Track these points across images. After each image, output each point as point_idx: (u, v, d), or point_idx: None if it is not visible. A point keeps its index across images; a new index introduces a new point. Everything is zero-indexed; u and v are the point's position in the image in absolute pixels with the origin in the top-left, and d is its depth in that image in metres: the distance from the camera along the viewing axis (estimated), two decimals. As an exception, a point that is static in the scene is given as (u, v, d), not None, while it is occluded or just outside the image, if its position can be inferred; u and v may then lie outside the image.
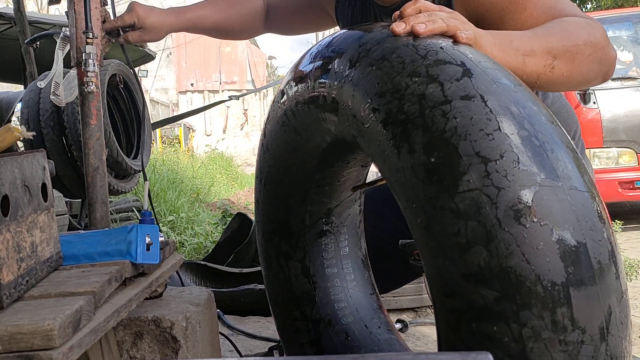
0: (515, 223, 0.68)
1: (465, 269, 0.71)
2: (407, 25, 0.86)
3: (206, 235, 4.44)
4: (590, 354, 0.68)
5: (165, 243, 1.13)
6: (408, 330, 2.16)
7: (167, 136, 14.19)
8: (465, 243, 0.70)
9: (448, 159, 0.73)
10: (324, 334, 1.22)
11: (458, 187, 0.71)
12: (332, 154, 1.10)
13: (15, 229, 0.76)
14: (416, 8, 0.89)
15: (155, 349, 1.09)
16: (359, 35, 0.92)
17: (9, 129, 0.86)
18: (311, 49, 1.04)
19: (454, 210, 0.71)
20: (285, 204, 1.21)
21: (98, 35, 1.45)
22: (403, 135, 0.78)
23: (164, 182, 6.01)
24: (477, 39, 0.89)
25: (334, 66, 0.92)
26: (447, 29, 0.87)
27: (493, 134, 0.72)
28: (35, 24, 4.32)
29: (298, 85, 1.02)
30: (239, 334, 2.15)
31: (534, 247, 0.68)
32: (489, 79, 0.77)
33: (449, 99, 0.75)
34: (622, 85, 4.80)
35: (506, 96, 0.76)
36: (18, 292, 0.76)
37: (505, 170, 0.70)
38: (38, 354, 0.64)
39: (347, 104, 0.89)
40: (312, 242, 1.23)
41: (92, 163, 1.48)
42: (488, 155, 0.71)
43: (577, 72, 0.99)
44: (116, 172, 2.80)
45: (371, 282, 1.29)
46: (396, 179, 0.80)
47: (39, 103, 2.69)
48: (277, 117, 1.12)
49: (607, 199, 4.76)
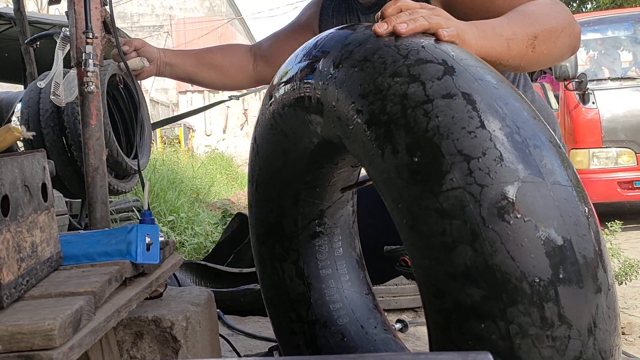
0: (499, 220, 0.68)
1: (451, 268, 0.71)
2: (389, 26, 0.86)
3: (206, 235, 4.44)
4: (578, 348, 0.68)
5: (165, 243, 1.13)
6: (408, 330, 2.16)
7: (167, 136, 14.19)
8: (451, 242, 0.70)
9: (431, 159, 0.73)
10: (319, 335, 1.22)
11: (442, 186, 0.71)
12: (321, 155, 1.10)
13: (15, 229, 0.77)
14: (397, 7, 0.89)
15: (155, 349, 1.09)
16: (343, 37, 0.92)
17: (9, 129, 0.87)
18: (297, 51, 1.04)
19: (439, 209, 0.71)
20: (277, 207, 1.21)
21: (98, 35, 1.46)
22: (386, 136, 0.78)
23: (164, 182, 6.01)
24: (461, 34, 0.89)
25: (318, 67, 0.92)
26: (429, 26, 0.87)
27: (475, 131, 0.72)
28: (35, 24, 4.32)
29: (285, 87, 1.02)
30: (239, 334, 2.15)
31: (518, 243, 0.68)
32: (470, 77, 0.77)
33: (431, 98, 0.75)
34: (621, 85, 4.80)
35: (488, 93, 0.76)
36: (18, 292, 0.76)
37: (488, 168, 0.70)
38: (38, 354, 0.65)
39: (332, 105, 0.89)
40: (306, 244, 1.23)
41: (92, 163, 1.48)
42: (470, 153, 0.71)
43: (554, 48, 1.06)
44: (116, 172, 2.80)
45: (366, 282, 1.29)
46: (382, 179, 0.80)
47: (39, 103, 2.69)
48: (265, 120, 1.12)
49: (606, 199, 4.77)
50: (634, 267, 2.71)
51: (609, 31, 5.41)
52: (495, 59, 0.97)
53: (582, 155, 4.67)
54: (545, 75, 5.60)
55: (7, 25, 4.50)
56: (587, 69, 5.00)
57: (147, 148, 2.99)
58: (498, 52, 0.96)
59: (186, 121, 15.79)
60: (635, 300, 2.64)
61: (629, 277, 2.71)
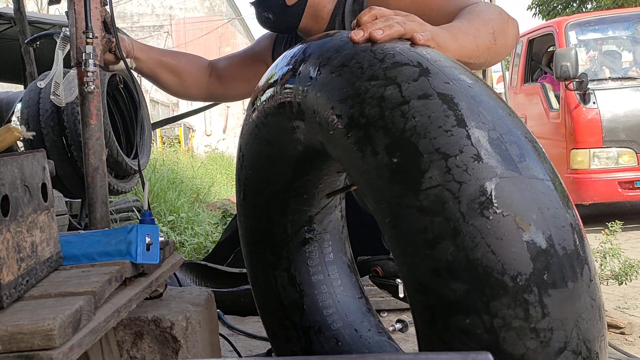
0: (478, 215, 0.69)
1: (434, 264, 0.72)
2: (365, 33, 0.88)
3: (206, 235, 4.44)
4: (562, 339, 0.69)
5: (165, 243, 1.13)
6: (408, 330, 2.15)
7: (167, 136, 14.19)
8: (432, 239, 0.72)
9: (410, 158, 0.74)
10: (314, 341, 1.23)
11: (421, 185, 0.73)
12: (306, 162, 1.11)
13: (15, 229, 0.76)
14: (372, 15, 0.92)
15: (155, 349, 1.09)
16: (320, 45, 0.94)
17: (9, 129, 0.87)
18: (277, 61, 1.06)
19: (419, 207, 0.73)
20: (266, 215, 1.21)
21: (98, 35, 1.46)
22: (366, 138, 0.79)
23: (164, 182, 6.01)
24: (435, 38, 0.92)
25: (297, 75, 0.94)
26: (405, 31, 0.89)
27: (452, 130, 0.73)
28: (35, 24, 4.32)
29: (267, 95, 1.04)
30: (239, 334, 2.15)
31: (498, 238, 0.69)
32: (445, 77, 0.79)
33: (407, 99, 0.76)
34: (621, 85, 4.80)
35: (463, 92, 0.77)
36: (18, 292, 0.76)
37: (465, 165, 0.71)
38: (38, 353, 0.64)
39: (312, 111, 0.90)
40: (296, 251, 1.23)
41: (92, 163, 1.48)
42: (448, 151, 0.72)
43: (508, 39, 1.17)
44: (116, 172, 2.80)
45: (359, 286, 1.30)
46: (363, 181, 0.82)
47: (39, 103, 2.69)
48: (250, 130, 1.13)
49: (607, 198, 4.76)
50: (634, 267, 2.71)
51: (609, 31, 5.40)
52: (468, 58, 1.03)
53: (583, 155, 4.66)
54: (546, 75, 5.60)
55: (7, 25, 4.50)
56: (588, 68, 4.99)
57: (147, 148, 2.99)
58: (469, 51, 1.03)
59: (186, 121, 15.80)
60: (635, 300, 2.63)
61: (629, 277, 2.71)
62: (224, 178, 10.08)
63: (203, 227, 4.72)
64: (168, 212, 5.06)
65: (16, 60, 4.60)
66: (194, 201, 6.13)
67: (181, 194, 5.92)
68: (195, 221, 4.96)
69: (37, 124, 2.66)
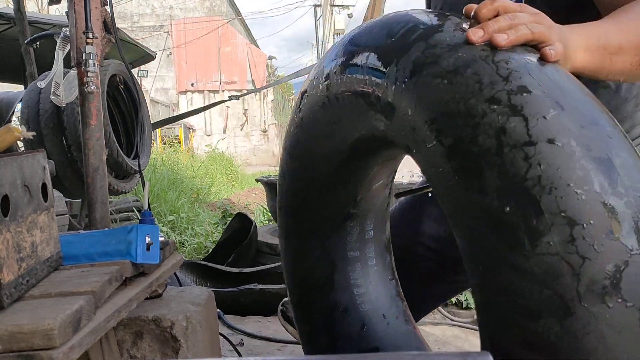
0: (597, 301, 0.59)
1: (532, 338, 0.63)
2: (486, 34, 0.72)
3: (206, 235, 4.44)
4: None
5: (165, 243, 1.13)
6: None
7: (167, 136, 14.19)
8: (536, 311, 0.62)
9: (526, 213, 0.63)
10: (338, 321, 1.16)
11: (535, 248, 0.62)
12: (370, 147, 1.01)
13: (15, 229, 0.77)
14: (493, 8, 0.75)
15: (155, 349, 1.09)
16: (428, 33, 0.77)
17: (9, 129, 0.87)
18: (354, 32, 0.91)
19: (526, 272, 0.63)
20: (311, 182, 1.11)
21: (98, 35, 1.46)
22: (474, 172, 0.67)
23: (164, 182, 6.01)
24: (566, 51, 0.76)
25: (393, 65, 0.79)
26: (532, 37, 0.73)
27: (584, 191, 0.61)
28: (35, 24, 4.32)
29: (347, 72, 0.89)
30: (239, 333, 2.15)
31: (616, 330, 0.60)
32: (582, 119, 0.65)
33: (534, 140, 0.63)
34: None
35: (602, 144, 0.64)
36: (18, 292, 0.76)
37: (593, 239, 0.60)
38: (38, 353, 0.65)
39: (406, 112, 0.77)
40: (337, 224, 1.15)
41: (92, 163, 1.48)
42: (575, 217, 0.61)
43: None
44: (116, 172, 2.80)
45: (392, 267, 1.22)
46: (458, 215, 0.71)
47: (39, 103, 2.70)
48: (317, 96, 0.99)
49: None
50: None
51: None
52: (593, 73, 0.83)
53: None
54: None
55: (7, 25, 4.50)
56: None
57: (147, 148, 2.99)
58: (597, 67, 0.82)
59: (186, 121, 15.81)
60: (635, 300, 2.63)
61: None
62: (224, 178, 10.09)
63: (203, 227, 4.72)
64: (168, 212, 5.06)
65: (16, 61, 4.60)
66: (194, 201, 6.14)
67: (181, 194, 5.92)
68: (195, 221, 4.96)
69: (37, 124, 2.66)
